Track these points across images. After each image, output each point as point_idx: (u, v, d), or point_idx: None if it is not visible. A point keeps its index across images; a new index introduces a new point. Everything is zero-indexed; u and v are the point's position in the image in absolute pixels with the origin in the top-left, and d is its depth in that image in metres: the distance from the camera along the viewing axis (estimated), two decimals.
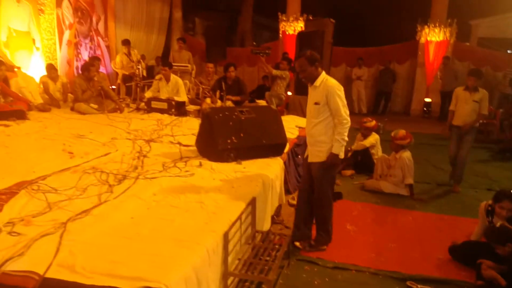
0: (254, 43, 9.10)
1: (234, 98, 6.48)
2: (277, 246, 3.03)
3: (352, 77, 11.44)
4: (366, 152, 5.73)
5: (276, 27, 12.04)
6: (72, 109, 6.31)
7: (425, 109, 11.27)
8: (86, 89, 6.34)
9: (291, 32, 11.39)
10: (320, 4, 12.28)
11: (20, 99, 5.90)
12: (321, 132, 3.31)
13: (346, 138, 3.26)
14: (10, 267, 1.94)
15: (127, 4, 10.84)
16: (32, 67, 7.59)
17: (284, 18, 11.55)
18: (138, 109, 6.71)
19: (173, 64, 7.63)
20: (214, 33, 9.35)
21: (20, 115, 5.49)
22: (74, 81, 6.49)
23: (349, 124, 3.24)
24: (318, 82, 3.28)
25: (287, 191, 4.47)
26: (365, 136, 5.85)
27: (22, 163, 3.51)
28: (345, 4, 12.94)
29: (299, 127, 5.43)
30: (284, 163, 4.21)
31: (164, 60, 9.42)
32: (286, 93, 7.68)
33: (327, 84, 3.24)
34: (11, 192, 2.82)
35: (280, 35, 11.74)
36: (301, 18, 11.24)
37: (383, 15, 13.48)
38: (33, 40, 7.73)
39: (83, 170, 3.36)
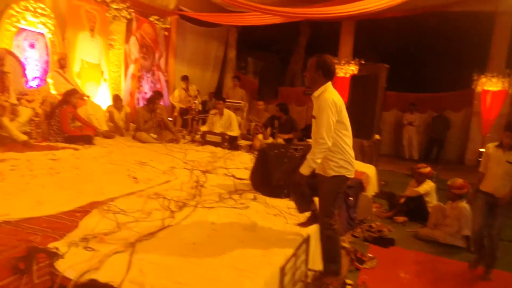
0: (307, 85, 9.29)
1: (286, 136, 6.62)
2: (330, 287, 3.01)
3: (403, 122, 11.31)
4: (420, 200, 5.53)
5: None
6: (134, 137, 6.72)
7: (480, 159, 10.82)
8: (148, 120, 6.75)
9: (342, 74, 11.55)
10: (372, 48, 12.41)
11: (88, 125, 6.32)
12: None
13: (318, 160, 2.86)
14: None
15: (187, 43, 11.53)
16: (99, 96, 8.16)
17: (336, 61, 11.76)
18: (193, 141, 7.03)
19: (227, 100, 7.96)
20: (267, 73, 9.65)
21: (87, 140, 5.91)
22: (138, 111, 6.94)
23: (327, 146, 2.81)
24: (317, 92, 2.94)
25: None
26: (420, 183, 5.67)
27: (92, 185, 3.76)
28: (398, 49, 12.96)
29: None
30: None
31: (218, 95, 9.81)
32: None
33: (323, 97, 2.88)
34: (84, 211, 3.05)
35: None
36: (352, 62, 11.43)
37: (438, 62, 13.31)
38: (102, 72, 8.34)
39: (147, 195, 3.57)
